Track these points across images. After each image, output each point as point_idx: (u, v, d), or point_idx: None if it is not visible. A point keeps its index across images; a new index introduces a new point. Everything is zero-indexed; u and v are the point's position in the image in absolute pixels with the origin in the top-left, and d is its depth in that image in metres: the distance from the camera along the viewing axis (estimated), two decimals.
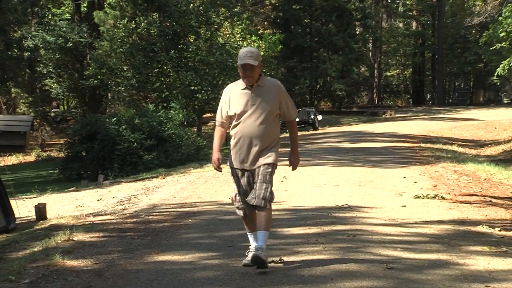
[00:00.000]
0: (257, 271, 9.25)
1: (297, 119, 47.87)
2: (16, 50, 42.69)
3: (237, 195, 9.00)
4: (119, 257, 11.34)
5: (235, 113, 8.73)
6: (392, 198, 16.58)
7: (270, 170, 8.77)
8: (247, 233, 9.37)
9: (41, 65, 52.36)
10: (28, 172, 39.02)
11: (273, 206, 16.02)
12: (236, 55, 45.69)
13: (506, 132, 40.39)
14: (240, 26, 49.97)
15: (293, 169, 9.81)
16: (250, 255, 8.84)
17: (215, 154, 8.98)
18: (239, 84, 8.84)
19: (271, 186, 8.85)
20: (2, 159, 47.68)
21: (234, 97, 8.86)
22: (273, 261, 10.40)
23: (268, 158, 8.79)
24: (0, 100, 62.43)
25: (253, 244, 8.90)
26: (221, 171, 9.33)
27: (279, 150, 9.54)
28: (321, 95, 64.02)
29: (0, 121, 17.70)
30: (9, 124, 17.35)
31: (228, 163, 9.09)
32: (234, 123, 8.78)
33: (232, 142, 8.98)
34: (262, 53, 48.03)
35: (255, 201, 8.61)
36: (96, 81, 45.23)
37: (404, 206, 15.48)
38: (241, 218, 9.72)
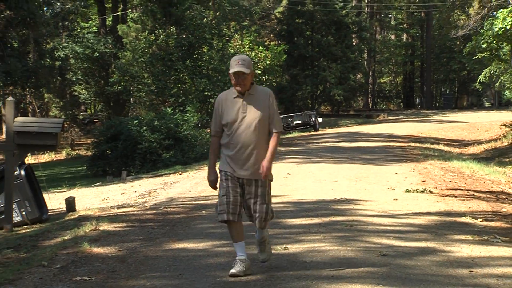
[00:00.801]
0: (263, 264, 8.97)
1: (299, 121, 47.64)
2: (48, 60, 42.74)
3: (224, 198, 7.92)
4: (140, 245, 11.42)
5: (227, 122, 8.03)
6: (385, 192, 16.57)
7: (267, 188, 8.12)
8: (233, 243, 8.38)
9: (71, 73, 52.44)
10: (59, 168, 39.05)
11: (278, 199, 16.14)
12: None
13: (487, 133, 40.33)
14: (248, 38, 49.91)
15: (263, 176, 8.19)
16: (237, 265, 7.99)
17: (211, 175, 8.26)
18: (231, 92, 8.20)
19: (270, 204, 8.24)
20: (36, 157, 47.77)
21: (226, 105, 8.16)
22: (278, 249, 10.46)
23: (263, 174, 7.92)
24: (34, 104, 62.64)
25: (240, 254, 8.08)
26: (215, 189, 8.36)
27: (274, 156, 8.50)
28: (321, 99, 63.91)
29: (34, 123, 17.61)
30: (42, 126, 17.24)
31: (219, 166, 8.25)
32: (226, 131, 8.08)
33: (225, 149, 8.21)
34: (268, 62, 48.12)
35: (257, 224, 8.15)
36: (119, 87, 45.30)
37: (396, 199, 15.46)
38: (223, 222, 8.46)
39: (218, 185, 8.36)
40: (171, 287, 8.48)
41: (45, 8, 39.89)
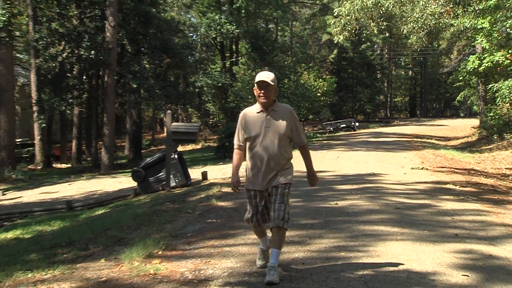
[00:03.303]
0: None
1: (344, 125, 46.77)
2: (191, 88, 43.02)
3: (254, 216, 6.27)
4: (245, 200, 11.42)
5: (250, 136, 6.19)
6: (398, 169, 16.36)
7: (287, 190, 6.12)
8: (259, 238, 6.52)
9: (204, 95, 52.79)
10: (197, 154, 39.38)
11: (332, 173, 16.00)
12: (311, 91, 45.80)
13: (462, 132, 39.72)
14: (312, 73, 49.74)
15: (314, 184, 6.67)
16: (270, 272, 5.74)
17: (233, 178, 6.44)
18: (255, 108, 6.27)
19: (288, 207, 6.08)
20: (184, 147, 48.23)
21: (249, 120, 6.23)
22: (332, 204, 10.42)
23: (285, 178, 6.14)
24: (182, 115, 63.39)
25: (263, 244, 6.38)
26: (237, 193, 6.71)
27: (293, 167, 6.52)
28: (358, 111, 63.37)
29: (182, 126, 17.97)
30: (187, 128, 17.43)
31: (245, 186, 6.37)
32: (249, 145, 6.25)
33: (248, 163, 6.40)
34: (325, 88, 47.92)
35: (273, 222, 5.94)
36: (234, 104, 45.45)
37: (405, 173, 15.26)
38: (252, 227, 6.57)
39: (246, 198, 6.49)
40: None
41: (189, 57, 40.06)
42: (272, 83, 6.00)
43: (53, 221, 14.39)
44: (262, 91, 5.99)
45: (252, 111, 6.21)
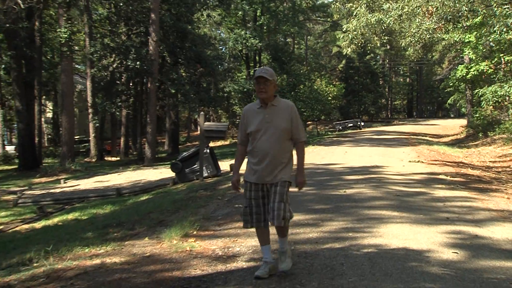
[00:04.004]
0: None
1: (351, 124, 46.51)
2: (221, 93, 43.05)
3: (247, 208, 5.38)
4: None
5: (251, 131, 5.42)
6: (397, 162, 16.26)
7: (286, 188, 5.31)
8: (260, 245, 5.51)
9: (231, 99, 52.68)
10: (225, 149, 39.41)
11: (341, 165, 15.93)
12: (323, 95, 45.68)
13: (452, 131, 39.36)
14: (324, 80, 49.57)
15: (299, 189, 5.59)
16: (262, 267, 5.26)
17: (234, 176, 5.70)
18: (255, 104, 5.56)
19: (288, 204, 5.33)
20: (214, 143, 48.34)
21: (250, 116, 5.50)
22: (341, 192, 10.38)
23: (283, 176, 5.33)
24: (213, 116, 63.56)
25: (266, 256, 5.34)
26: (238, 192, 6.10)
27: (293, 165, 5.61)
28: (363, 113, 63.05)
29: (213, 125, 18.05)
30: (218, 126, 17.43)
31: (244, 176, 5.60)
32: (250, 140, 5.47)
33: (250, 156, 5.55)
34: (334, 93, 47.77)
35: (275, 221, 5.16)
36: None
37: (404, 166, 15.16)
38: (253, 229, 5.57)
39: (241, 190, 5.67)
40: None
41: (219, 66, 40.06)
42: (270, 78, 5.26)
43: (105, 205, 14.54)
44: (261, 87, 5.26)
45: (253, 107, 5.49)
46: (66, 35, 30.13)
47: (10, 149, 45.96)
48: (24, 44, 30.02)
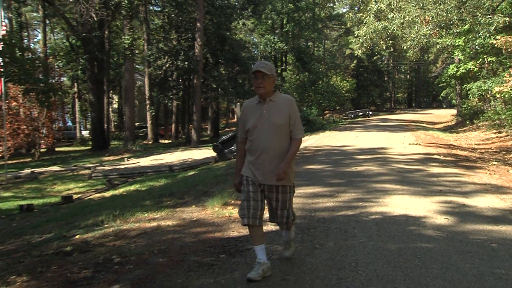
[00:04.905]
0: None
1: (361, 113, 45.99)
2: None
3: (245, 202, 4.16)
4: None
5: (248, 127, 4.34)
6: (399, 145, 16.09)
7: (288, 195, 4.26)
8: (254, 245, 4.24)
9: None
10: None
11: (353, 147, 15.82)
12: (338, 89, 45.32)
13: (444, 119, 38.77)
14: (339, 77, 49.12)
15: (277, 178, 4.12)
16: (255, 268, 4.08)
17: (236, 178, 4.40)
18: (254, 99, 4.42)
19: (292, 209, 4.33)
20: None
21: (248, 111, 4.41)
22: (352, 169, 10.32)
23: (285, 180, 4.18)
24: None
25: (259, 256, 4.15)
26: (240, 192, 4.36)
27: (295, 165, 4.66)
28: (371, 104, 62.12)
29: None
30: None
31: (242, 171, 4.35)
32: (248, 136, 4.36)
33: (248, 154, 4.37)
34: (348, 87, 47.37)
35: (279, 226, 4.40)
36: None
37: (404, 147, 15.00)
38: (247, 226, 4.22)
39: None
40: (305, 183, 8.51)
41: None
42: (269, 73, 4.15)
43: (160, 179, 14.71)
44: (259, 81, 4.15)
45: (252, 103, 4.36)
46: (128, 41, 30.53)
47: (85, 133, 46.91)
48: (96, 49, 30.44)
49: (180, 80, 35.72)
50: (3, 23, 18.88)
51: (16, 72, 14.68)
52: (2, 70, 14.37)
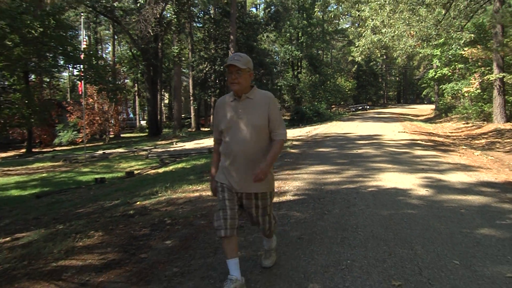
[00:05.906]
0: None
1: (360, 107, 45.37)
2: (276, 86, 42.45)
3: (221, 212, 2.85)
4: (306, 149, 11.31)
5: (221, 128, 2.97)
6: (391, 132, 15.88)
7: (268, 202, 3.03)
8: (226, 259, 2.84)
9: (282, 90, 51.63)
10: None
11: (354, 134, 15.68)
12: (342, 88, 44.78)
13: (425, 112, 37.84)
14: (343, 78, 48.41)
15: (254, 179, 2.76)
16: (226, 285, 2.75)
17: (212, 184, 3.07)
18: (229, 95, 3.00)
19: (273, 215, 3.16)
20: None
21: (221, 110, 3.00)
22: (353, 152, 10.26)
23: (263, 186, 2.95)
24: None
25: (232, 272, 2.80)
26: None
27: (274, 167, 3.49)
28: (368, 100, 60.97)
29: None
30: None
31: (215, 177, 3.03)
32: (223, 138, 3.00)
33: (222, 157, 3.01)
34: (350, 86, 46.72)
35: (263, 232, 3.22)
36: (298, 95, 44.95)
37: (395, 135, 14.80)
38: (221, 238, 2.84)
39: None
40: (316, 162, 8.54)
41: (274, 69, 39.59)
42: (244, 67, 2.88)
43: (201, 159, 14.80)
44: (233, 77, 2.88)
45: (226, 100, 3.04)
46: (177, 51, 30.70)
47: (143, 123, 47.68)
48: (152, 57, 30.81)
49: (217, 81, 35.79)
50: (84, 39, 19.27)
51: (92, 75, 14.99)
52: (83, 74, 14.68)
